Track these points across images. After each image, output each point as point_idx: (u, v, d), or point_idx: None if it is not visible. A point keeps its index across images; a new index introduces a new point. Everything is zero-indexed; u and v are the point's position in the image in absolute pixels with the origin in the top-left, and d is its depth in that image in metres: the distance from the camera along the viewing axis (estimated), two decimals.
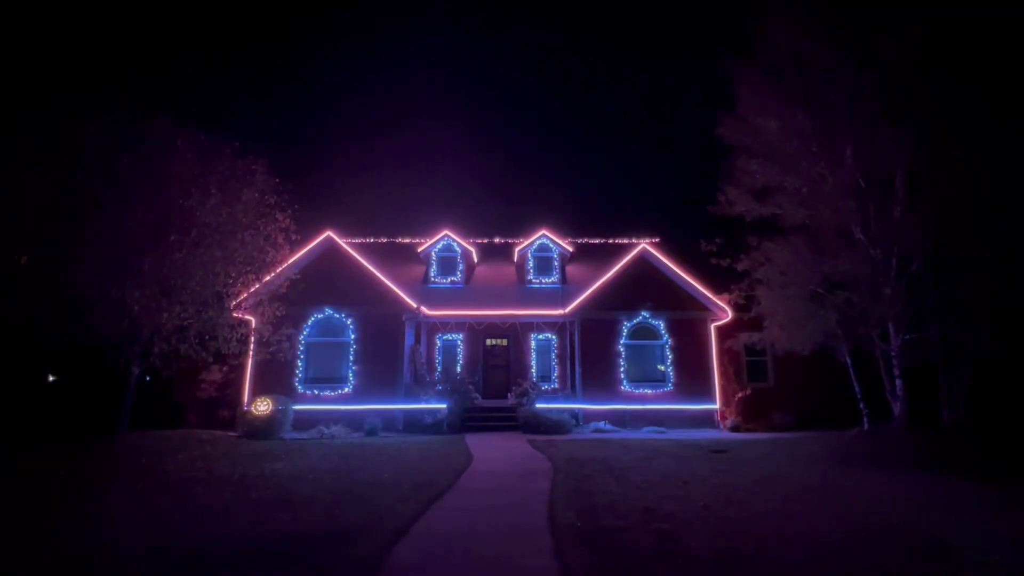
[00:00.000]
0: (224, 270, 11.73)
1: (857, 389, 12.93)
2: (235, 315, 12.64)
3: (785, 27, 12.81)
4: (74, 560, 4.49)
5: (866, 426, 12.47)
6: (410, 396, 14.96)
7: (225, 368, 15.58)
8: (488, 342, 17.72)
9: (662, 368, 15.98)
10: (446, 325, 17.38)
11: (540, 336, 17.52)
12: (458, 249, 19.00)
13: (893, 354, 12.29)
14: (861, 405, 12.82)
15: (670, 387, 15.71)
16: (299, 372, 15.04)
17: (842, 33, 12.25)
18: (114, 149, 10.52)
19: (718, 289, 15.87)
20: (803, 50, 12.64)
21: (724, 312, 15.85)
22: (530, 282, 18.71)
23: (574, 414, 15.10)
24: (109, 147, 10.49)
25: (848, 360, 13.03)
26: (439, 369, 16.84)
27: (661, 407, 15.45)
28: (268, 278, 13.35)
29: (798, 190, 13.18)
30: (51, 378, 16.08)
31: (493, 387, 17.07)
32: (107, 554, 4.62)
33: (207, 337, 11.80)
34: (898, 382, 12.41)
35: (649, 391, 15.67)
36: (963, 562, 4.47)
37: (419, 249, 19.55)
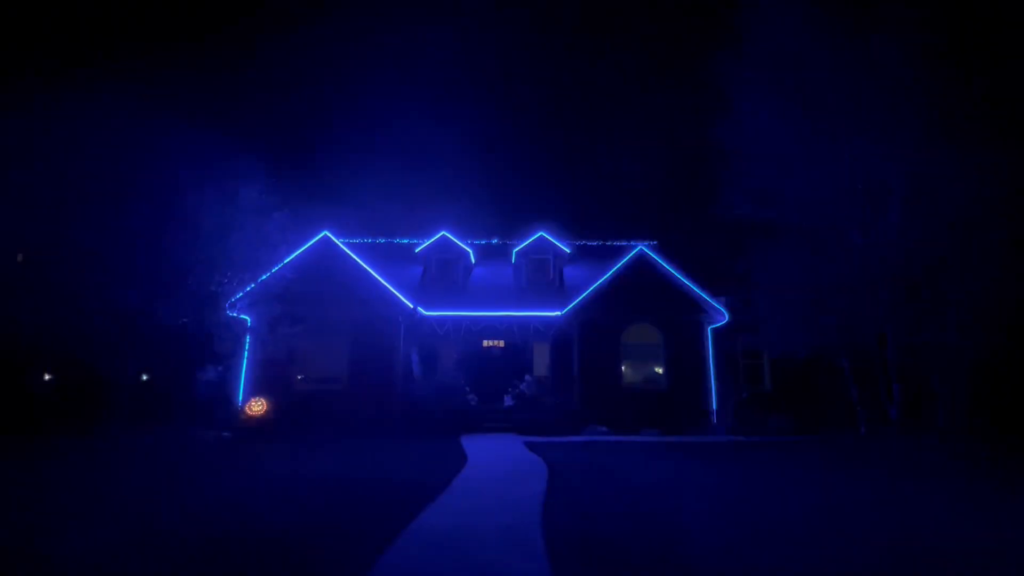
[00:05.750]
0: (220, 269, 11.67)
1: (854, 393, 12.91)
2: (230, 314, 12.58)
3: (780, 28, 12.83)
4: (65, 559, 4.43)
5: (863, 430, 12.46)
6: (406, 397, 14.88)
7: (220, 368, 15.48)
8: (485, 343, 17.65)
9: (659, 370, 15.93)
10: (443, 326, 17.31)
11: (537, 337, 17.46)
12: (455, 250, 18.95)
13: (890, 358, 12.28)
14: (858, 409, 12.80)
15: (667, 389, 15.66)
16: (294, 372, 14.95)
17: (839, 34, 12.27)
18: (110, 146, 10.45)
19: (716, 292, 15.85)
20: (799, 52, 12.66)
21: (722, 315, 15.82)
22: (527, 283, 18.66)
23: (571, 415, 15.04)
24: (105, 144, 10.43)
25: (845, 364, 13.01)
26: (435, 370, 16.77)
27: (658, 410, 15.39)
28: (264, 277, 13.29)
29: (797, 194, 13.19)
30: (46, 376, 15.97)
31: (490, 388, 16.99)
32: (98, 554, 4.56)
33: (202, 336, 11.73)
34: (895, 386, 12.41)
35: (647, 393, 15.60)
36: (959, 570, 4.44)
37: (416, 249, 19.50)
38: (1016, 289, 11.03)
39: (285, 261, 14.23)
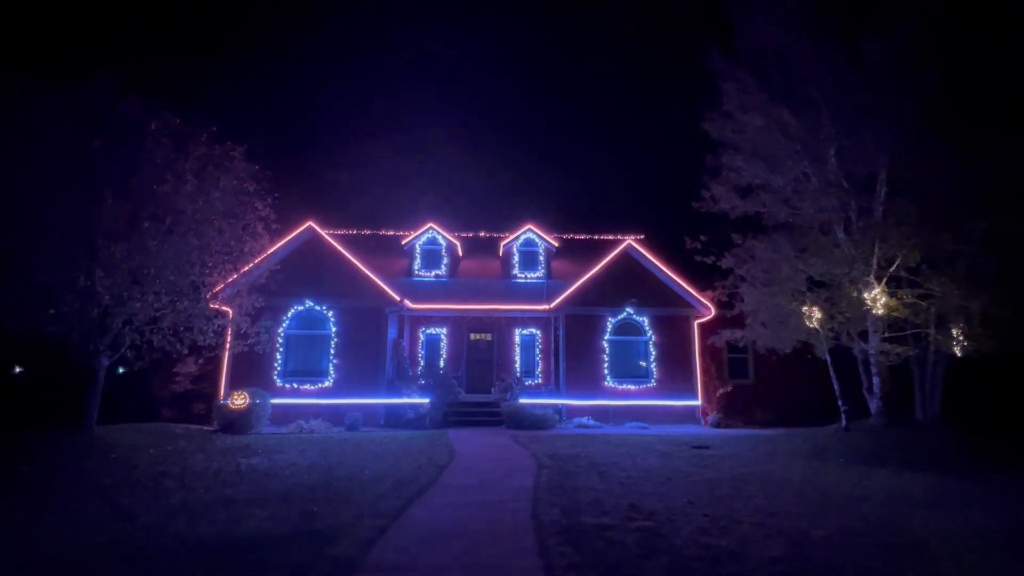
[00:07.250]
0: (200, 259, 11.34)
1: (836, 386, 13.10)
2: (212, 306, 12.25)
3: (770, 23, 12.85)
4: (37, 559, 4.26)
5: (844, 423, 12.65)
6: (392, 390, 14.76)
7: (201, 361, 15.16)
8: (472, 336, 17.59)
9: (645, 364, 16.03)
10: (430, 319, 17.19)
11: (524, 331, 17.44)
12: (443, 242, 18.80)
13: (871, 353, 12.48)
14: (840, 402, 13.00)
15: (653, 383, 15.78)
16: (278, 365, 14.72)
17: (827, 31, 12.33)
18: (81, 130, 10.04)
19: (702, 286, 15.97)
20: (788, 47, 12.70)
21: (707, 309, 15.96)
22: (515, 277, 18.61)
23: (558, 409, 15.08)
24: (76, 127, 10.01)
25: (828, 358, 13.18)
26: (422, 363, 16.66)
27: (644, 403, 15.51)
28: (246, 268, 12.97)
29: (782, 188, 13.27)
30: (16, 369, 15.47)
31: (477, 382, 16.95)
32: (72, 553, 4.40)
33: (182, 328, 11.41)
34: (875, 380, 12.63)
35: (632, 387, 15.72)
36: (938, 557, 4.52)
37: (403, 242, 19.29)
38: (994, 283, 11.25)
39: (268, 252, 13.93)
